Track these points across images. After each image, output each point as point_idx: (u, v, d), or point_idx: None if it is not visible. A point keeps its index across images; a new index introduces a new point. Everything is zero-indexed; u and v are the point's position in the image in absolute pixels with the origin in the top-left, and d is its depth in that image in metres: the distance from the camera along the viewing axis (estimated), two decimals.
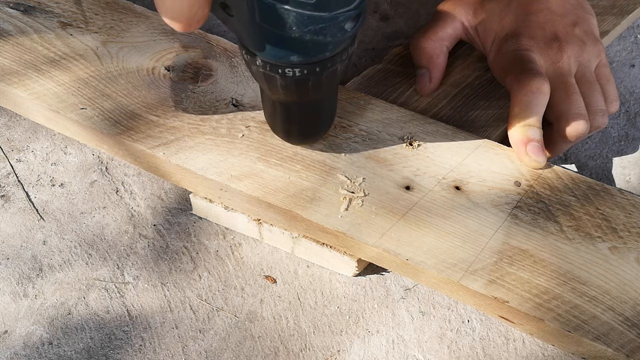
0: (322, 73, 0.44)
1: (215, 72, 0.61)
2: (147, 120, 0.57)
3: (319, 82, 0.45)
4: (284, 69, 0.44)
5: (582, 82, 0.59)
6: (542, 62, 0.58)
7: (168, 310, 0.54)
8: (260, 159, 0.54)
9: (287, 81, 0.45)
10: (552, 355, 0.52)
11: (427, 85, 0.62)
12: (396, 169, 0.54)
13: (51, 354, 0.52)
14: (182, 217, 0.60)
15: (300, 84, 0.45)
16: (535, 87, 0.55)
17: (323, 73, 0.44)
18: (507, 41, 0.60)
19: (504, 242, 0.50)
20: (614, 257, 0.50)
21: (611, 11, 0.73)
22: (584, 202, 0.53)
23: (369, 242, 0.50)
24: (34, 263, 0.57)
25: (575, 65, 0.59)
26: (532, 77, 0.56)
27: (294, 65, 0.43)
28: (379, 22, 0.79)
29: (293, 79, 0.44)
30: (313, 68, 0.44)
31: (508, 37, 0.60)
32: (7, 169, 0.63)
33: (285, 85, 0.45)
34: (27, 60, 0.61)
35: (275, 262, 0.57)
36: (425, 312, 0.54)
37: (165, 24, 0.65)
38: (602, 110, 0.58)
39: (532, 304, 0.47)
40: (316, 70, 0.44)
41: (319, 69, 0.44)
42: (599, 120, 0.58)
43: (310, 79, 0.45)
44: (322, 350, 0.52)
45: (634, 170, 0.66)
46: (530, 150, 0.54)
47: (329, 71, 0.45)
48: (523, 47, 0.59)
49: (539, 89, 0.55)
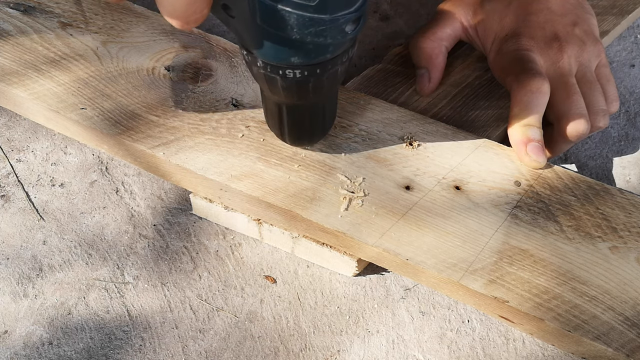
0: (322, 74, 0.44)
1: (215, 72, 0.61)
2: (147, 120, 0.57)
3: (320, 83, 0.45)
4: (285, 70, 0.44)
5: (583, 82, 0.59)
6: (542, 62, 0.58)
7: (168, 310, 0.54)
8: (260, 159, 0.54)
9: (288, 82, 0.45)
10: (552, 355, 0.52)
11: (427, 85, 0.62)
12: (396, 168, 0.54)
13: (51, 354, 0.52)
14: (182, 217, 0.60)
15: (301, 85, 0.45)
16: (536, 87, 0.55)
17: (324, 75, 0.45)
18: (507, 41, 0.60)
19: (504, 242, 0.50)
20: (614, 256, 0.50)
21: (611, 11, 0.73)
22: (584, 201, 0.53)
23: (369, 242, 0.50)
24: (34, 263, 0.57)
25: (575, 65, 0.59)
26: (532, 77, 0.56)
27: (294, 67, 0.43)
28: (379, 22, 0.79)
29: (294, 80, 0.44)
30: (314, 69, 0.44)
31: (508, 37, 0.60)
32: (7, 169, 0.63)
33: (286, 87, 0.45)
34: (27, 61, 0.61)
35: (275, 262, 0.57)
36: (425, 312, 0.54)
37: (166, 24, 0.66)
38: (603, 110, 0.58)
39: (532, 303, 0.47)
40: (317, 71, 0.44)
41: (320, 70, 0.44)
42: (600, 120, 0.58)
43: (310, 80, 0.45)
44: (322, 350, 0.52)
45: (634, 170, 0.66)
46: (530, 150, 0.54)
47: (330, 73, 0.45)
48: (523, 47, 0.59)
49: (539, 89, 0.55)
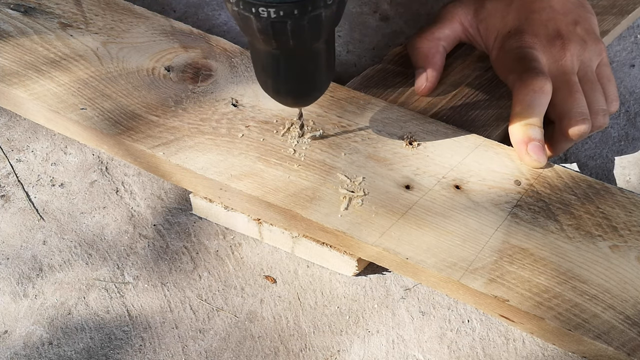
0: (301, 18, 0.42)
1: (215, 72, 0.61)
2: (147, 120, 0.57)
3: (300, 28, 0.42)
4: (258, 8, 0.41)
5: (584, 81, 0.59)
6: (544, 59, 0.58)
7: (168, 310, 0.54)
8: (260, 159, 0.55)
9: (263, 23, 0.42)
10: (552, 355, 0.52)
11: (424, 84, 0.62)
12: (396, 168, 0.54)
13: (51, 354, 0.52)
14: (182, 217, 0.60)
15: (277, 27, 0.42)
16: (538, 86, 0.55)
17: (303, 18, 0.42)
18: (510, 38, 0.60)
19: (504, 241, 0.50)
20: (615, 255, 0.50)
21: (611, 11, 0.73)
22: (584, 200, 0.53)
23: (368, 241, 0.50)
24: (34, 263, 0.57)
25: (577, 64, 0.59)
26: (535, 77, 0.56)
27: (267, 4, 0.40)
28: (379, 22, 0.79)
29: (268, 21, 0.42)
30: (290, 10, 0.41)
31: (511, 34, 0.60)
32: (7, 169, 0.63)
33: (262, 29, 0.42)
34: (27, 61, 0.61)
35: (275, 262, 0.57)
36: (425, 312, 0.54)
37: (165, 25, 0.66)
38: (604, 110, 0.58)
39: (533, 302, 0.47)
40: (294, 12, 0.41)
41: (297, 11, 0.41)
42: (600, 120, 0.58)
43: (287, 22, 0.42)
44: (322, 350, 0.52)
45: (634, 170, 0.66)
46: (531, 150, 0.54)
47: (311, 17, 0.42)
48: (526, 44, 0.59)
49: (542, 88, 0.55)
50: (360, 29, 0.78)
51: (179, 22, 0.66)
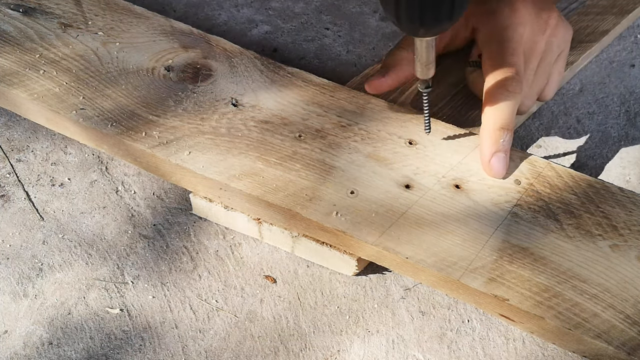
0: None
1: (214, 72, 0.61)
2: (147, 120, 0.57)
3: None
4: None
5: (540, 65, 0.58)
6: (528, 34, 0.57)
7: (168, 310, 0.54)
8: (260, 158, 0.55)
9: None
10: (552, 355, 0.52)
11: (379, 79, 0.58)
12: (396, 167, 0.54)
13: (51, 354, 0.52)
14: (182, 217, 0.60)
15: None
16: (512, 88, 0.54)
17: None
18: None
19: (504, 241, 0.50)
20: (615, 255, 0.50)
21: (611, 11, 0.73)
22: (584, 200, 0.53)
23: (368, 240, 0.50)
24: (34, 263, 0.57)
25: (547, 46, 0.58)
26: (511, 80, 0.55)
27: None
28: (379, 22, 0.79)
29: None
30: None
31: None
32: (7, 169, 0.63)
33: None
34: (27, 61, 0.61)
35: (275, 261, 0.57)
36: (425, 312, 0.54)
37: (165, 25, 0.66)
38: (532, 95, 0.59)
39: (533, 302, 0.47)
40: None
41: None
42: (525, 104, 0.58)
43: None
44: (322, 350, 0.52)
45: (634, 170, 0.66)
46: (494, 162, 0.53)
47: None
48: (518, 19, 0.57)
49: (515, 90, 0.54)
50: (360, 29, 0.78)
51: (179, 22, 0.66)
